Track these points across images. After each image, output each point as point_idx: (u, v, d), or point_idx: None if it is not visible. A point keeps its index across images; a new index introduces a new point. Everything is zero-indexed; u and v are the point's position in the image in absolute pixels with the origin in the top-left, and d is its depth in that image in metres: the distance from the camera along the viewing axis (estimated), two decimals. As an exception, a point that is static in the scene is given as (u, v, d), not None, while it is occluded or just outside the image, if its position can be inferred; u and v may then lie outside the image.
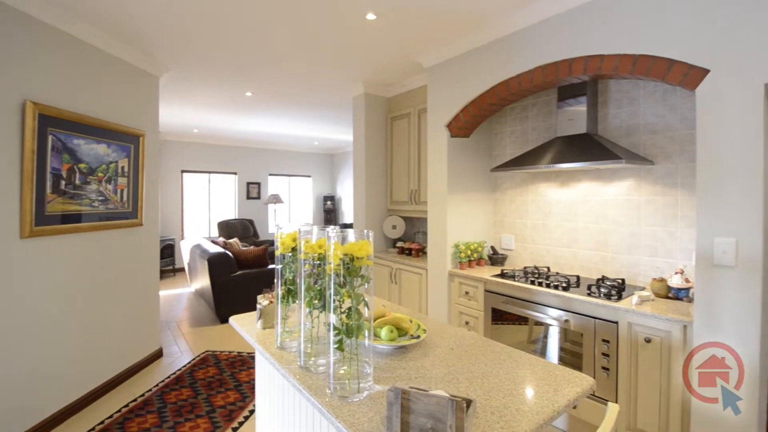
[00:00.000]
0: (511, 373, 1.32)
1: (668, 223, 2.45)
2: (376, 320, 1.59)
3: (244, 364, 3.46)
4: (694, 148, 2.22)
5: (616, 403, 2.13)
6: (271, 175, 9.11)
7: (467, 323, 3.04)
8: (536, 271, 2.84)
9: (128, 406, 2.78)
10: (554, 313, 2.46)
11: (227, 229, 7.56)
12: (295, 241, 1.49)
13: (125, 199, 3.17)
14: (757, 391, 1.72)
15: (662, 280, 2.31)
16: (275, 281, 1.57)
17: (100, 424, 2.56)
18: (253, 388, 2.98)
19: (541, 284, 2.58)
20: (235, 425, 2.54)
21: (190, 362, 3.51)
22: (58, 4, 2.42)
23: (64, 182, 2.60)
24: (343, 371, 1.18)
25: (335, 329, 1.14)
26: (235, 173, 8.54)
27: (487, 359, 1.43)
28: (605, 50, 2.22)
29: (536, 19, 2.54)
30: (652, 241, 2.52)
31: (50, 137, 2.47)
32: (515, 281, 2.71)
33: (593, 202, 2.82)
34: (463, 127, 3.19)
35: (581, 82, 2.61)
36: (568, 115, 2.71)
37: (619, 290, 2.30)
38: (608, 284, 2.40)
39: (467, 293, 3.04)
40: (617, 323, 2.16)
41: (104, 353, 2.97)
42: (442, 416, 0.90)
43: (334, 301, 1.14)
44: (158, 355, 3.61)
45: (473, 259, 3.24)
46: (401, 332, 1.57)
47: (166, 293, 5.88)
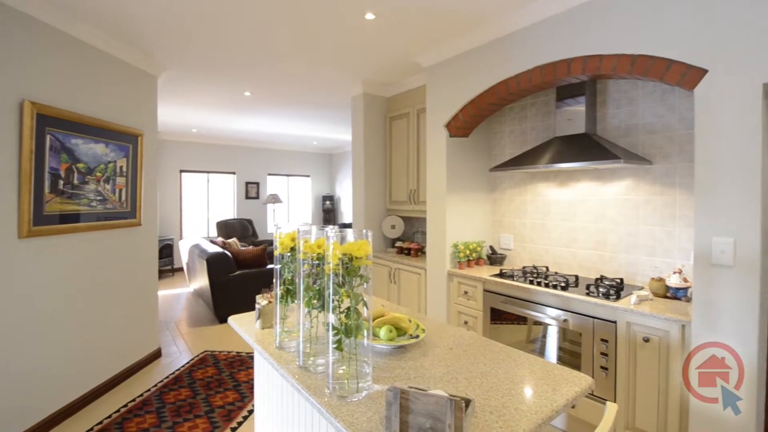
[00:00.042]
0: (509, 372, 1.32)
1: (666, 222, 2.45)
2: (375, 320, 1.59)
3: (242, 364, 3.45)
4: (692, 147, 2.22)
5: (614, 402, 2.12)
6: (269, 174, 9.10)
7: (466, 323, 3.04)
8: (535, 270, 2.84)
9: (127, 406, 2.78)
10: (553, 312, 2.46)
11: (226, 228, 7.55)
12: (294, 240, 1.49)
13: (124, 198, 3.16)
14: (755, 390, 1.73)
15: (660, 279, 2.32)
16: (274, 281, 1.57)
17: (98, 424, 2.56)
18: (251, 388, 2.98)
19: (539, 284, 2.59)
20: (233, 425, 2.54)
21: (188, 362, 3.50)
22: (57, 4, 2.41)
23: (62, 182, 2.60)
24: (342, 371, 1.18)
25: (334, 329, 1.14)
26: (233, 173, 8.53)
27: (485, 359, 1.43)
28: (604, 50, 2.22)
29: (535, 18, 2.54)
30: (650, 240, 2.52)
31: (48, 137, 2.46)
32: (514, 281, 2.72)
33: (592, 201, 2.82)
34: (462, 126, 3.19)
35: (580, 82, 2.61)
36: (566, 115, 2.72)
37: (617, 290, 2.31)
38: (607, 284, 2.41)
39: (466, 293, 3.05)
40: (616, 323, 2.17)
41: (103, 353, 2.97)
42: (441, 416, 0.90)
43: (333, 300, 1.14)
44: (157, 355, 3.60)
45: (472, 258, 3.24)
46: (400, 332, 1.57)
47: (164, 293, 5.88)
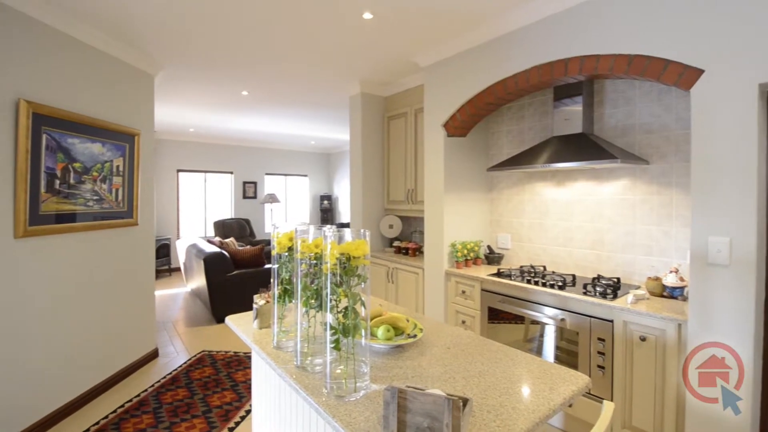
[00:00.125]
0: (507, 371, 1.33)
1: (663, 222, 2.46)
2: (372, 319, 1.59)
3: (240, 364, 3.45)
4: (689, 147, 2.23)
5: (611, 401, 2.13)
6: (267, 174, 9.08)
7: (464, 322, 3.04)
8: (532, 270, 2.85)
9: (124, 406, 2.77)
10: (550, 311, 2.47)
11: (223, 228, 7.53)
12: (291, 240, 1.49)
13: (120, 198, 3.15)
14: (751, 388, 1.73)
15: (657, 278, 2.33)
16: (272, 281, 1.57)
17: (95, 424, 2.55)
18: (249, 388, 2.97)
19: (537, 283, 2.59)
20: (231, 425, 2.53)
21: (186, 362, 3.49)
22: (56, 4, 2.40)
23: (58, 181, 2.58)
24: (339, 371, 1.18)
25: (332, 329, 1.14)
26: (231, 172, 8.51)
27: (483, 358, 1.43)
28: (601, 50, 2.22)
29: (533, 18, 2.54)
30: (647, 240, 2.53)
31: (44, 136, 2.45)
32: (511, 280, 2.72)
33: (589, 201, 2.83)
34: (459, 126, 3.20)
35: (577, 82, 2.62)
36: (564, 114, 2.72)
37: (614, 289, 2.31)
38: (604, 283, 2.42)
39: (464, 292, 3.05)
40: (612, 322, 2.17)
41: (100, 353, 2.96)
42: (438, 415, 0.90)
43: (330, 300, 1.14)
44: (154, 355, 3.59)
45: (470, 258, 3.24)
46: (398, 331, 1.57)
47: (161, 293, 5.85)
